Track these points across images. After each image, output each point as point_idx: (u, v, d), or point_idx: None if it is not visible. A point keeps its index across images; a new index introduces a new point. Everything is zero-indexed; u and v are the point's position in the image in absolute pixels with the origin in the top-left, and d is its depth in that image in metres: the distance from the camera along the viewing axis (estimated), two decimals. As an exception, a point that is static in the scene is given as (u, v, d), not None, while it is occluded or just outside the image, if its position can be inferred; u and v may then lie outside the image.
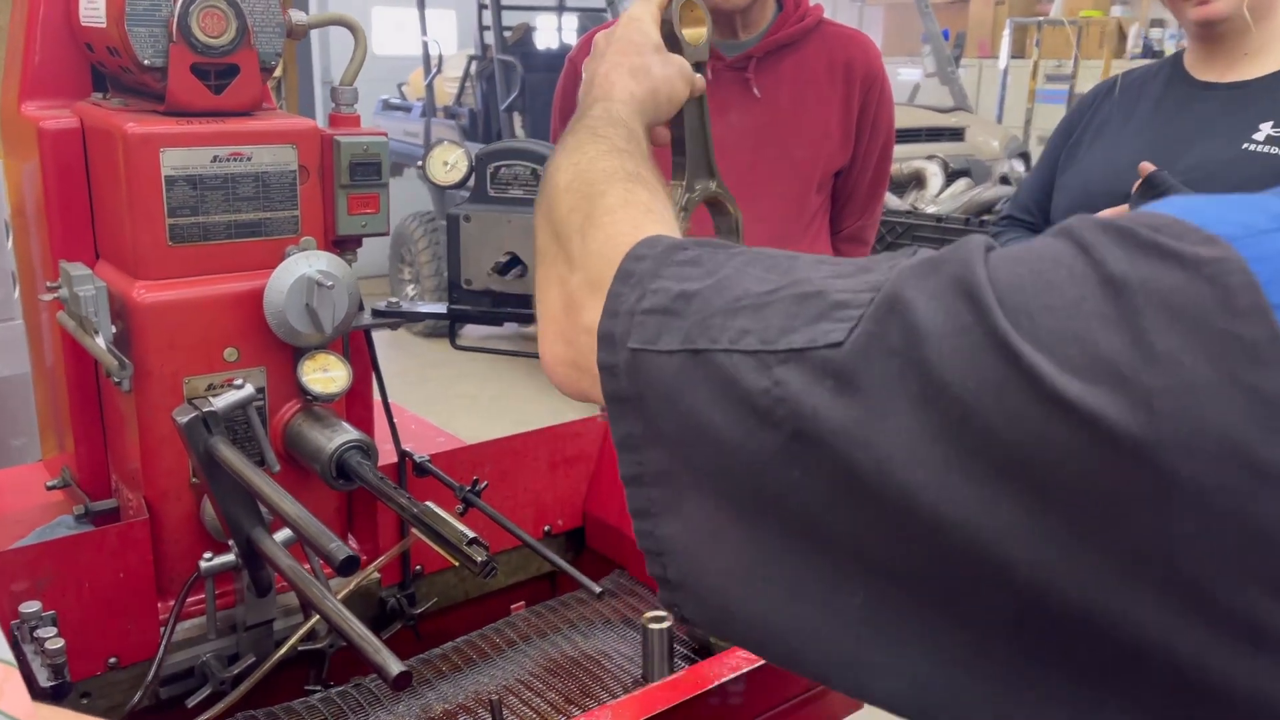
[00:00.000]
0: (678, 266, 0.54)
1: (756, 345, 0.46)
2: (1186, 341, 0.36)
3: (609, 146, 0.73)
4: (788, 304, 0.46)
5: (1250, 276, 0.36)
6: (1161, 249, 0.38)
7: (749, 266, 0.51)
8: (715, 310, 0.49)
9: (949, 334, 0.40)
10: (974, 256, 0.42)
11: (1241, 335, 0.36)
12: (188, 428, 1.10)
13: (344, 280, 1.25)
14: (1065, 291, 0.39)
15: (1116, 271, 0.38)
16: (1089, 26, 7.64)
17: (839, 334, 0.43)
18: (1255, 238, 0.38)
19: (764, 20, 1.81)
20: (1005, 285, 0.40)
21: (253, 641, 1.30)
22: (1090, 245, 0.40)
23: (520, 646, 1.41)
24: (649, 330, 0.51)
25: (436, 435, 1.84)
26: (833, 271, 0.48)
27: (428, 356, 5.84)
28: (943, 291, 0.41)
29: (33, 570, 1.16)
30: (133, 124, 1.16)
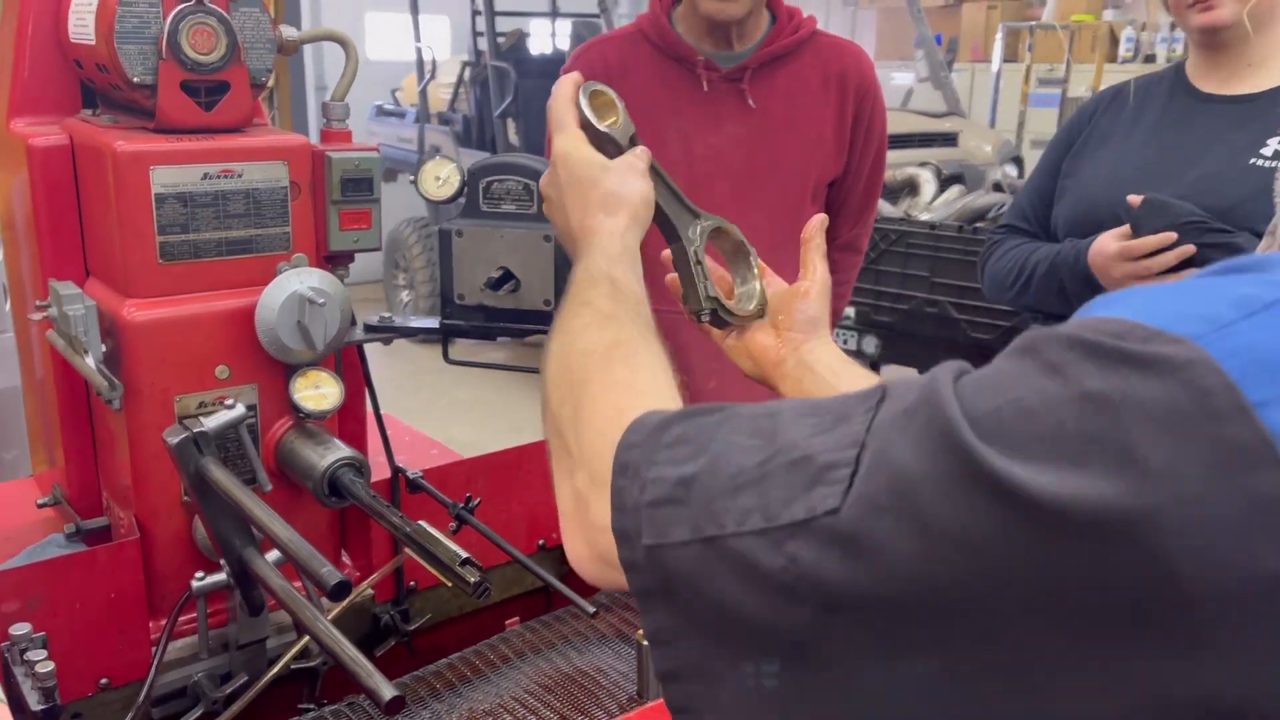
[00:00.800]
0: (668, 449, 0.55)
1: (762, 523, 0.47)
2: (1178, 452, 0.36)
3: (590, 317, 0.74)
4: (781, 474, 0.47)
5: (1224, 376, 0.36)
6: (1132, 358, 0.38)
7: (734, 435, 0.52)
8: (716, 493, 0.50)
9: (940, 483, 0.40)
10: (945, 397, 0.42)
11: (1229, 439, 0.36)
12: (178, 448, 1.09)
13: (336, 297, 1.25)
14: (1048, 419, 0.39)
15: (1093, 389, 0.38)
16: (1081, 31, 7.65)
17: (834, 499, 0.44)
18: (1221, 332, 0.37)
19: (758, 32, 1.81)
20: (986, 422, 0.40)
21: (245, 660, 1.29)
22: (1060, 365, 0.39)
23: (514, 663, 1.41)
24: (659, 524, 0.52)
25: (430, 448, 1.83)
26: (813, 427, 0.48)
27: (421, 363, 5.83)
28: (924, 439, 0.42)
29: (23, 591, 1.15)
30: (122, 142, 1.15)
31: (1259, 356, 0.36)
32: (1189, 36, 1.67)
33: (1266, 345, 0.37)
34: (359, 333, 1.36)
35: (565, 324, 0.75)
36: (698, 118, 1.78)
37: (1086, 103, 1.88)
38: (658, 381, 0.68)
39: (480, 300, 1.34)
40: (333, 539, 1.43)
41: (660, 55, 1.80)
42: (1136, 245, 1.56)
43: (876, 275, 3.81)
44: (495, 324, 1.36)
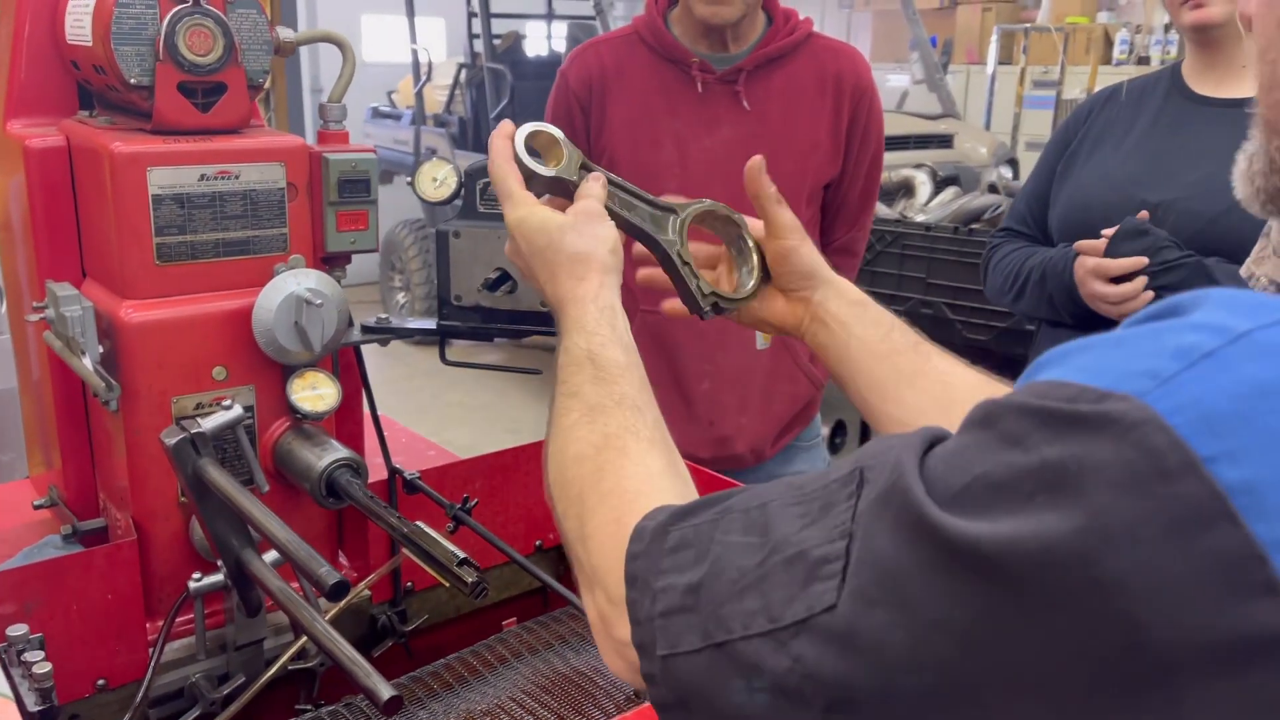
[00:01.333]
0: (671, 556, 0.56)
1: (767, 625, 0.48)
2: (1136, 514, 0.37)
3: (578, 413, 0.73)
4: (779, 573, 0.49)
5: (1171, 433, 0.37)
6: (1084, 422, 0.39)
7: (730, 535, 0.53)
8: (722, 598, 0.51)
9: (921, 571, 0.41)
10: (912, 483, 0.43)
11: (1182, 497, 0.36)
12: (175, 449, 1.09)
13: (333, 298, 1.25)
14: (1014, 493, 0.39)
15: (1051, 458, 0.39)
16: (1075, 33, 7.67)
17: (830, 595, 0.45)
18: (1164, 387, 0.38)
19: (754, 34, 1.81)
20: (956, 503, 0.41)
21: (243, 661, 1.29)
22: (1019, 437, 0.40)
23: (512, 663, 1.41)
24: (671, 634, 0.53)
25: (428, 449, 1.84)
26: (801, 518, 0.50)
27: (419, 365, 5.83)
28: (899, 529, 0.43)
29: (20, 593, 1.15)
30: (119, 143, 1.16)
31: (1204, 410, 0.37)
32: (1183, 35, 1.68)
33: (1210, 398, 0.37)
34: (356, 334, 1.36)
35: (557, 421, 0.75)
36: (693, 120, 1.78)
37: (1081, 105, 1.88)
38: (651, 477, 0.67)
39: (477, 301, 1.34)
40: (330, 540, 1.43)
41: (655, 57, 1.80)
42: (1107, 265, 1.57)
43: (872, 277, 3.81)
44: (492, 325, 1.36)
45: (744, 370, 1.86)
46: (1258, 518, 0.35)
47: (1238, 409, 0.37)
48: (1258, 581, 0.35)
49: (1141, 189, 1.64)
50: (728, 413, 1.86)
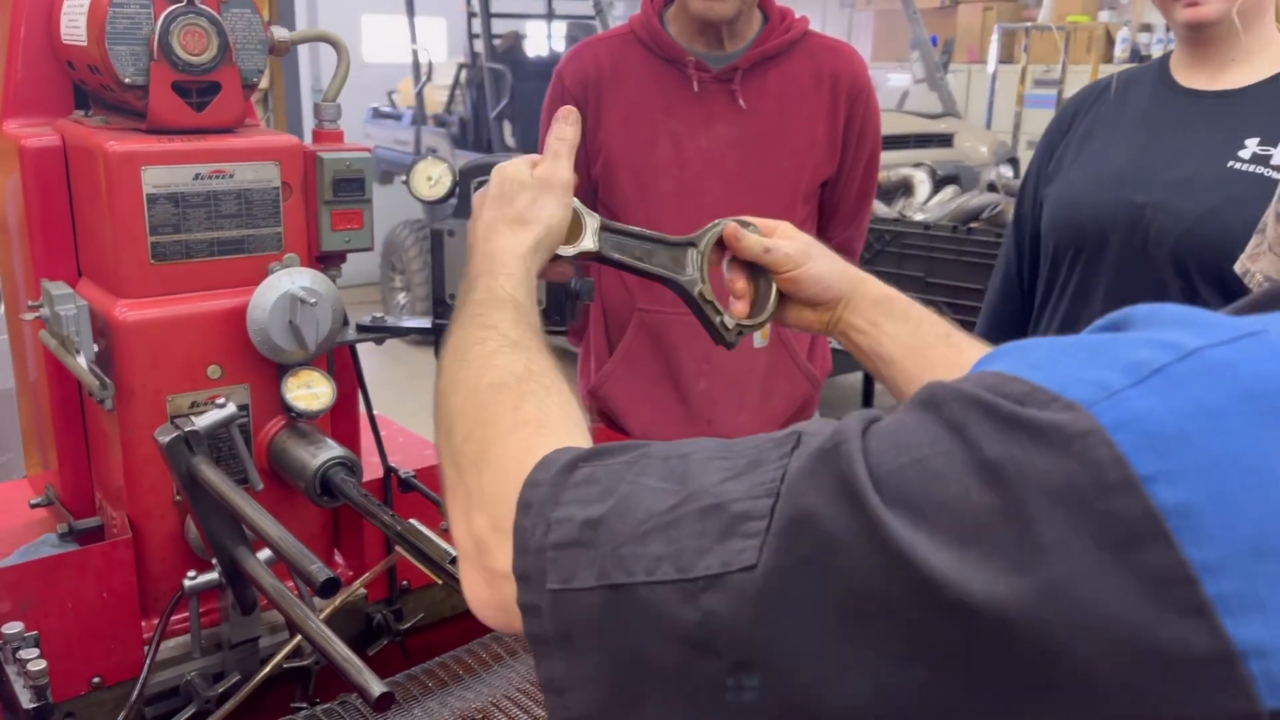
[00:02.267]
0: (575, 489, 0.53)
1: (674, 574, 0.46)
2: (1070, 526, 0.36)
3: (496, 343, 0.71)
4: (692, 522, 0.47)
5: (1114, 449, 0.36)
6: (1029, 426, 0.38)
7: (644, 477, 0.51)
8: (624, 538, 0.49)
9: (848, 545, 0.41)
10: (852, 452, 0.42)
11: (1118, 514, 0.36)
12: (169, 447, 1.09)
13: (327, 296, 1.25)
14: (950, 484, 0.39)
15: (991, 456, 0.38)
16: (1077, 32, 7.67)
17: (750, 555, 0.44)
18: (1112, 399, 0.38)
19: (750, 32, 1.81)
20: (890, 482, 0.41)
21: (238, 659, 1.29)
22: (962, 426, 0.40)
23: (507, 662, 1.41)
24: (563, 567, 0.51)
25: (424, 448, 1.84)
26: (724, 471, 0.48)
27: (417, 365, 5.83)
28: (833, 497, 0.42)
29: (15, 591, 1.16)
30: (114, 142, 1.16)
31: (1148, 429, 0.37)
32: (1175, 31, 1.67)
33: (1154, 416, 0.37)
34: (351, 333, 1.36)
35: (468, 348, 0.72)
36: (689, 118, 1.78)
37: (1068, 102, 1.87)
38: (570, 421, 0.65)
39: (472, 300, 1.34)
40: (325, 539, 1.44)
41: (651, 56, 1.80)
42: None
43: (872, 276, 3.82)
44: (487, 324, 1.36)
45: (741, 368, 1.86)
46: (1191, 540, 0.35)
47: (1181, 429, 0.36)
48: (1186, 603, 0.35)
49: (1129, 189, 1.64)
50: (725, 411, 1.87)
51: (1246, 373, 0.37)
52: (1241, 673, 0.35)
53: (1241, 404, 0.37)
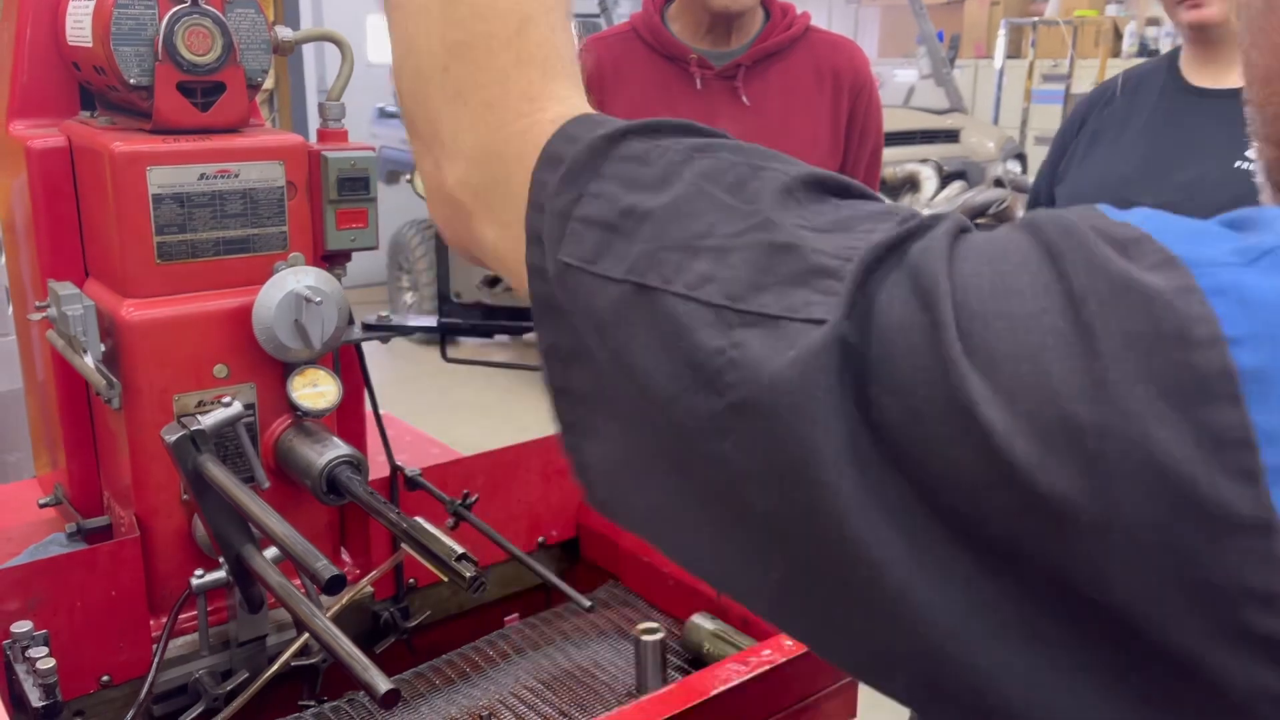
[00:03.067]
0: (620, 163, 0.46)
1: (720, 299, 0.41)
2: (1139, 369, 0.35)
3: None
4: (758, 254, 0.41)
5: (1208, 308, 0.36)
6: (1126, 270, 0.37)
7: (708, 183, 0.44)
8: (671, 243, 0.43)
9: (925, 384, 0.38)
10: (939, 251, 0.39)
11: (1195, 366, 0.35)
12: (176, 446, 1.10)
13: (333, 295, 1.26)
14: (1026, 302, 0.37)
15: (1077, 286, 0.37)
16: (1084, 26, 7.65)
17: (822, 311, 0.39)
18: (1214, 269, 0.37)
19: (753, 28, 1.81)
20: (967, 289, 0.38)
21: (246, 657, 1.30)
22: (1058, 252, 0.38)
23: (514, 659, 1.41)
24: (586, 245, 0.45)
25: (431, 446, 1.84)
26: (802, 219, 0.42)
27: (424, 365, 5.84)
28: (904, 288, 0.39)
29: (24, 589, 1.16)
30: (119, 143, 1.16)
31: (1244, 296, 0.36)
32: (1180, 32, 1.67)
33: (1254, 287, 0.36)
34: (357, 331, 1.36)
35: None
36: (692, 116, 1.76)
37: (1080, 102, 1.88)
38: (573, 70, 0.54)
39: (477, 298, 1.35)
40: (332, 537, 1.44)
41: (653, 54, 1.80)
42: None
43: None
44: (492, 321, 1.37)
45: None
46: (1261, 405, 0.35)
47: (1274, 300, 0.36)
48: (1240, 465, 0.34)
49: (1135, 190, 1.64)
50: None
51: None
52: (1276, 548, 0.34)
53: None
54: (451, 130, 0.52)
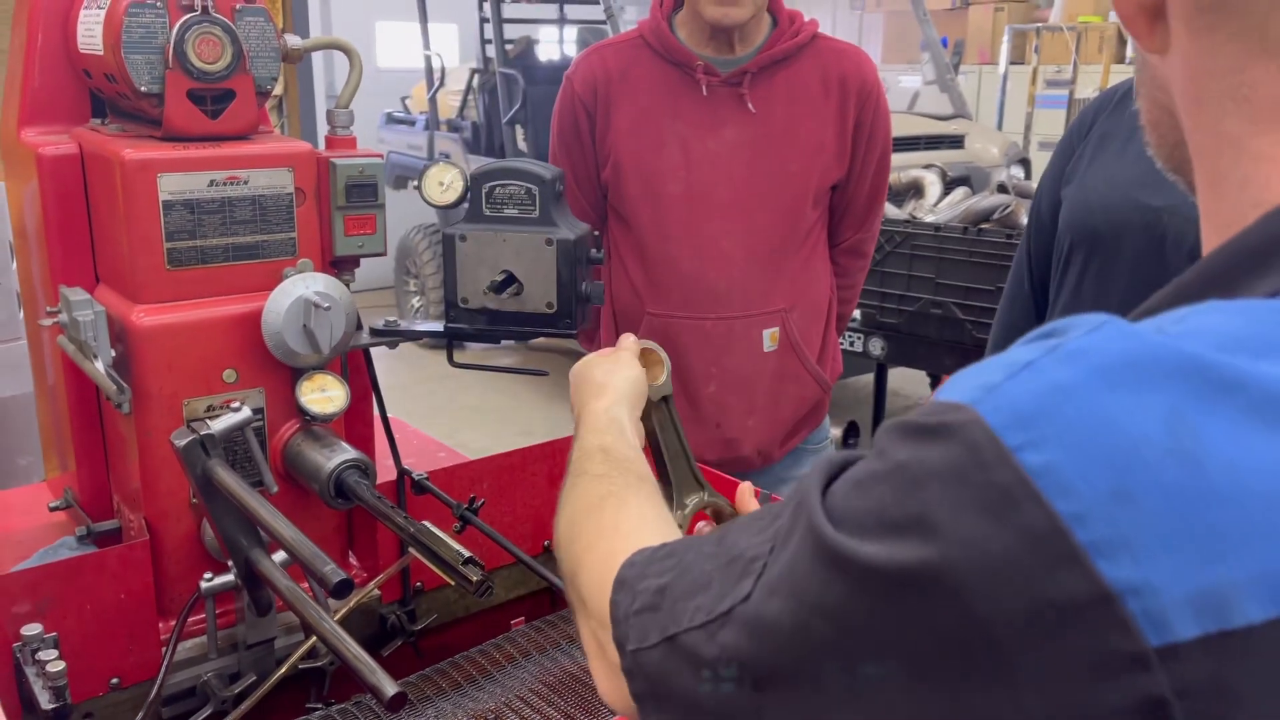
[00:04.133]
0: (657, 563, 0.61)
1: (704, 618, 0.53)
2: (958, 501, 0.42)
3: (586, 484, 0.82)
4: (721, 573, 0.54)
5: (988, 430, 0.42)
6: (926, 429, 0.45)
7: (704, 545, 0.59)
8: (679, 596, 0.56)
9: (807, 564, 0.47)
10: (810, 488, 0.49)
11: (995, 482, 0.41)
12: (185, 451, 1.11)
13: (341, 301, 1.27)
14: (873, 492, 0.46)
15: (900, 459, 0.45)
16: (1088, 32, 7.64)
17: (747, 587, 0.51)
18: (990, 395, 0.43)
19: (759, 36, 1.82)
20: (837, 507, 0.47)
21: (254, 660, 1.31)
22: (885, 449, 0.47)
23: (520, 662, 1.42)
24: (641, 630, 0.58)
25: (438, 450, 1.85)
26: (755, 529, 0.55)
27: (431, 369, 5.85)
28: (798, 530, 0.49)
29: (34, 592, 1.17)
30: (130, 150, 1.17)
31: (1016, 409, 0.42)
32: None
33: (1021, 398, 0.42)
34: (364, 336, 1.37)
35: (566, 494, 0.83)
36: (698, 122, 1.79)
37: (1089, 105, 1.88)
38: (645, 521, 0.74)
39: (484, 304, 1.35)
40: (340, 541, 1.45)
41: (660, 61, 1.81)
42: None
43: (882, 277, 3.81)
44: (499, 327, 1.37)
45: (751, 373, 1.86)
46: (1058, 495, 0.40)
47: (1041, 405, 0.42)
48: (1062, 552, 0.39)
49: (1144, 193, 1.64)
50: (734, 415, 1.87)
51: (1097, 352, 0.42)
52: (1121, 612, 0.38)
53: (1091, 377, 0.42)
54: (580, 590, 0.71)
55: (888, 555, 0.43)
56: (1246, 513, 0.39)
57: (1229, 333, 0.43)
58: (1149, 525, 0.39)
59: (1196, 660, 0.38)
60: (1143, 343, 0.42)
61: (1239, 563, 0.38)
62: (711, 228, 1.81)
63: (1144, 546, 0.39)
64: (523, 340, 1.39)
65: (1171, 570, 0.38)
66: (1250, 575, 0.38)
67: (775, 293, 1.84)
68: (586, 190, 1.88)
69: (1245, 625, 0.38)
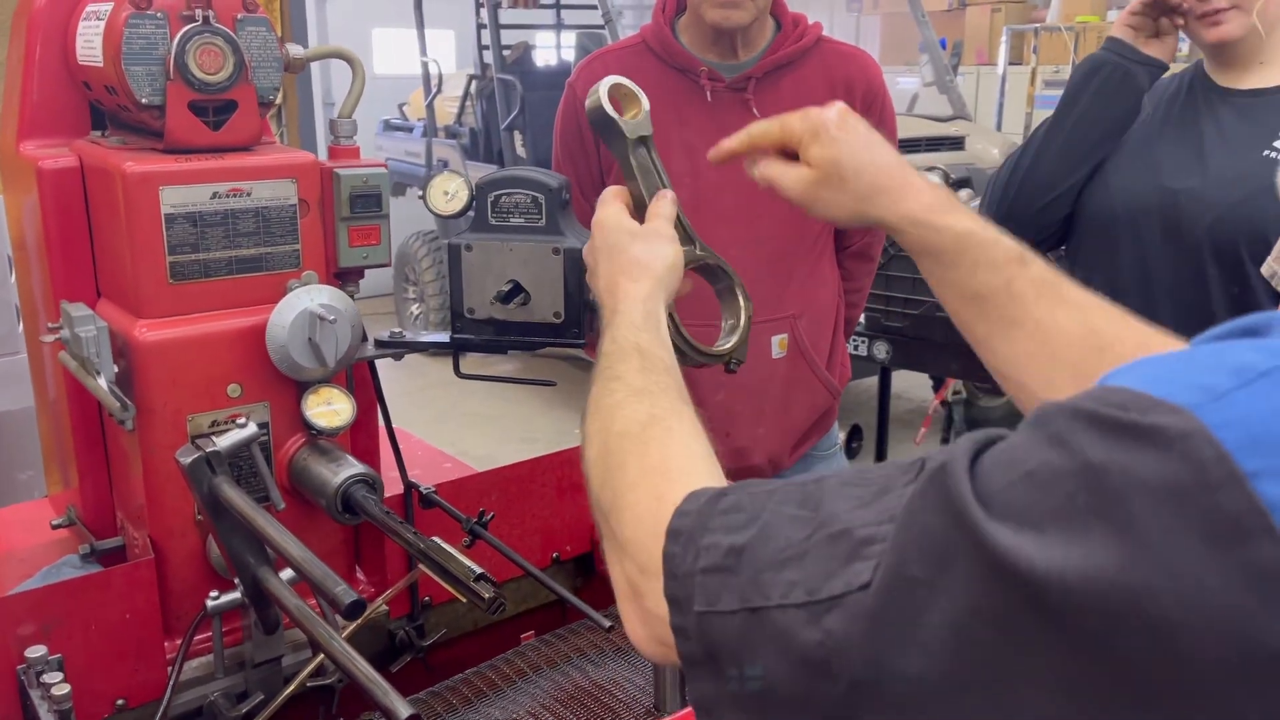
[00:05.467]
0: (722, 516, 0.56)
1: (804, 597, 0.48)
2: (1176, 523, 0.37)
3: (623, 393, 0.75)
4: (823, 547, 0.49)
5: (1218, 447, 0.37)
6: (1133, 429, 0.39)
7: (784, 506, 0.54)
8: (764, 564, 0.51)
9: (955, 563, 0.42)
10: (958, 473, 0.44)
11: (1224, 509, 0.36)
12: (191, 468, 1.09)
13: (346, 313, 1.25)
14: (1056, 492, 0.40)
15: (1095, 460, 0.39)
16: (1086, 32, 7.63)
17: (866, 574, 0.46)
18: (1217, 402, 0.38)
19: (763, 40, 1.80)
20: (998, 499, 0.42)
21: (261, 679, 1.29)
22: (1065, 437, 0.41)
23: (530, 677, 1.40)
24: (710, 591, 0.53)
25: (444, 462, 1.83)
26: (856, 500, 0.50)
27: (435, 376, 5.83)
28: (939, 518, 0.43)
29: (38, 613, 1.15)
30: (131, 163, 1.16)
31: (1252, 428, 0.37)
32: (1202, 50, 1.69)
33: (1259, 416, 0.38)
34: (370, 349, 1.36)
35: (598, 400, 0.76)
36: (702, 128, 1.77)
37: None
38: (694, 459, 0.68)
39: (490, 314, 1.33)
40: (347, 555, 1.43)
41: (664, 67, 1.79)
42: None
43: (887, 280, 3.79)
44: (506, 337, 1.36)
45: (760, 380, 1.84)
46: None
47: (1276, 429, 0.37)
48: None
49: (1163, 175, 1.66)
50: (744, 423, 1.85)
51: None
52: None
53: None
54: (618, 531, 0.65)
55: (1075, 566, 0.38)
56: None
57: None
58: None
59: None
60: None
61: None
62: (718, 234, 1.78)
63: None
64: (530, 350, 1.38)
65: None
66: None
67: (783, 299, 1.82)
68: (591, 197, 1.86)
69: None
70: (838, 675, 0.46)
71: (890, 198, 0.87)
